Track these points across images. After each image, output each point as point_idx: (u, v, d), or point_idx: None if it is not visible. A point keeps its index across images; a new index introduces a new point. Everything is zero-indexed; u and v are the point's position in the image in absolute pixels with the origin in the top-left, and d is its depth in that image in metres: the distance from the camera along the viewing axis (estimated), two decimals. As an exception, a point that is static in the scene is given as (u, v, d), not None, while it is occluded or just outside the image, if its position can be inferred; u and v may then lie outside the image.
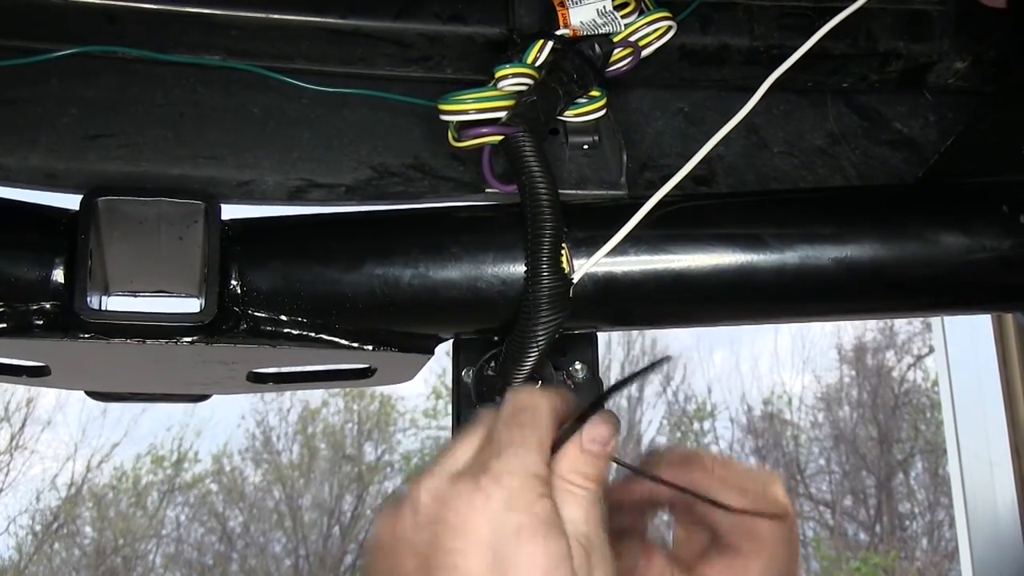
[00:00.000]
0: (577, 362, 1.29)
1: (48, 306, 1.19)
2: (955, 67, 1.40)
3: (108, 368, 1.31)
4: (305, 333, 1.24)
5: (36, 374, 1.33)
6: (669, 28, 1.29)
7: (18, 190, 1.28)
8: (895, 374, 14.53)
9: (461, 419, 1.28)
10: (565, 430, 0.96)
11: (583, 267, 1.19)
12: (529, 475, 0.93)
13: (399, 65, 1.34)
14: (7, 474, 13.86)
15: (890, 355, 14.07)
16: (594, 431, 0.98)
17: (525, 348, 1.14)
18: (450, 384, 1.31)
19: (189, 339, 1.21)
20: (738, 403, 16.49)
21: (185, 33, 1.28)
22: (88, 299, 1.18)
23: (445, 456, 0.98)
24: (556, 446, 0.96)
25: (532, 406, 0.98)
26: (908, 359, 13.39)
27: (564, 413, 0.99)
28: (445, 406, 13.87)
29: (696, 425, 16.65)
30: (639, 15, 1.28)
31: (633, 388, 16.45)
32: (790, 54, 1.29)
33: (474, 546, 0.91)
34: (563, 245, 1.14)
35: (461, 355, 1.29)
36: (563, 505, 0.95)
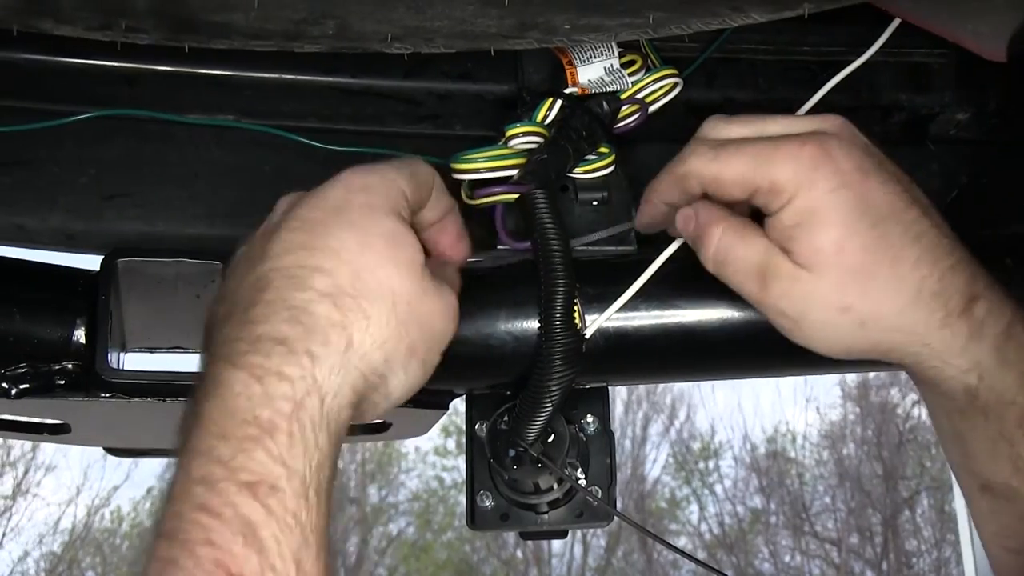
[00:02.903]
0: (589, 415, 1.30)
1: (70, 366, 1.21)
2: (957, 118, 1.42)
3: (127, 425, 1.33)
4: (321, 389, 1.25)
5: (57, 432, 1.35)
6: (675, 85, 1.30)
7: (38, 251, 1.31)
8: (900, 411, 14.52)
9: (475, 473, 1.29)
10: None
11: (595, 323, 1.20)
12: (396, 183, 1.02)
13: (409, 123, 1.36)
14: (10, 518, 13.82)
15: (894, 392, 14.07)
16: (462, 248, 1.15)
17: (539, 403, 1.16)
18: (457, 419, 1.32)
19: (208, 397, 1.22)
20: (741, 442, 16.46)
21: (200, 94, 1.30)
22: (108, 358, 1.20)
23: None
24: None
25: (414, 161, 1.09)
26: (912, 396, 13.37)
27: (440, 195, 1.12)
28: (457, 443, 13.83)
29: (701, 464, 16.61)
30: (646, 72, 1.30)
31: (638, 428, 16.39)
32: (795, 107, 1.30)
33: (322, 211, 0.98)
34: (576, 301, 1.16)
35: (474, 409, 1.30)
36: (432, 263, 1.05)
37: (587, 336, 1.19)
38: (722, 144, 1.08)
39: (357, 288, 0.94)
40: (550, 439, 1.23)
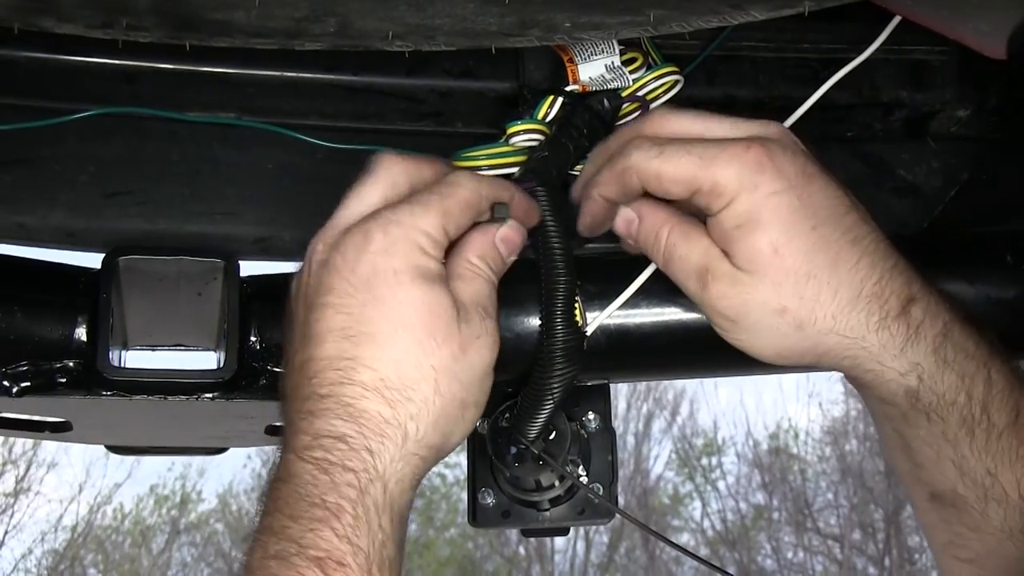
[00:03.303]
0: (590, 412, 1.30)
1: (71, 364, 1.21)
2: (958, 115, 1.42)
3: (129, 423, 1.33)
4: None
5: (58, 429, 1.35)
6: (676, 82, 1.30)
7: (39, 249, 1.31)
8: (902, 407, 14.50)
9: (477, 470, 1.29)
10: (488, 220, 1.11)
11: (596, 320, 1.20)
12: (418, 230, 1.03)
13: (411, 120, 1.35)
14: (12, 516, 13.83)
15: (896, 388, 14.03)
16: (509, 232, 1.11)
17: (540, 400, 1.16)
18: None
19: (210, 395, 1.23)
20: (744, 438, 16.47)
21: (201, 92, 1.30)
22: (110, 356, 1.20)
23: (346, 204, 1.09)
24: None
25: (456, 182, 1.09)
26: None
27: (494, 198, 1.11)
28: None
29: (704, 461, 16.62)
30: (647, 70, 1.29)
31: (640, 425, 16.39)
32: (795, 105, 1.30)
33: (352, 285, 1.01)
34: (577, 298, 1.16)
35: (476, 407, 1.30)
36: (461, 280, 1.07)
37: (588, 333, 1.20)
38: (667, 141, 1.09)
39: (401, 377, 1.00)
40: (551, 436, 1.23)
